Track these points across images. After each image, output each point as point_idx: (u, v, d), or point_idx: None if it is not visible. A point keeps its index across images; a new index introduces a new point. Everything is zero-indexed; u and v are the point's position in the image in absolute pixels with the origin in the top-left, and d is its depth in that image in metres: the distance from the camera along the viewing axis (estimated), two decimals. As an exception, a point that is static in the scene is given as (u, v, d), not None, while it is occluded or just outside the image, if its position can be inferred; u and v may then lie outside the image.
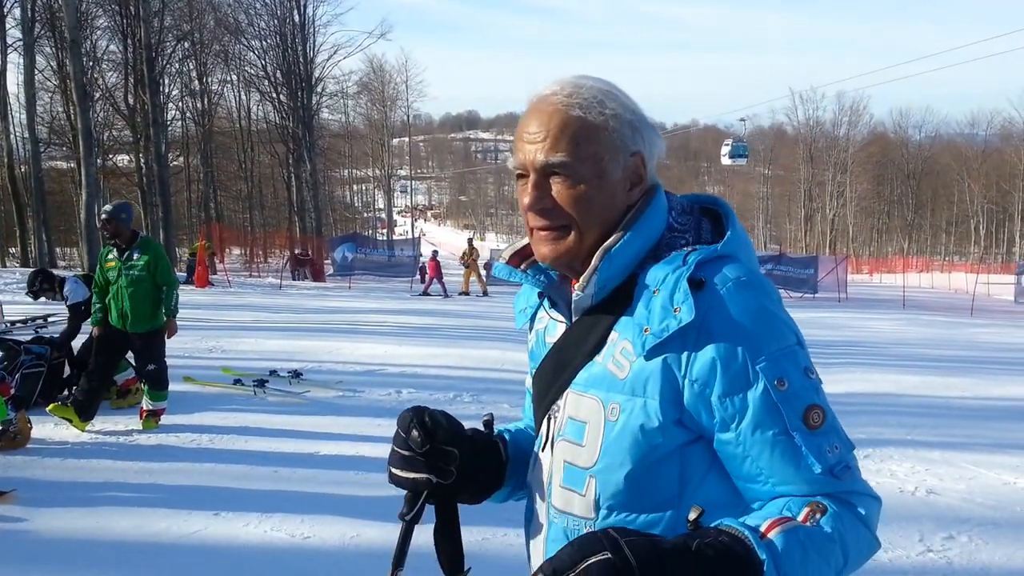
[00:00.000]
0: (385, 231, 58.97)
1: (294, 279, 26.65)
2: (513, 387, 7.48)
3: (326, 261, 29.66)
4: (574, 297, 1.12)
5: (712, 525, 0.97)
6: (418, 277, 27.01)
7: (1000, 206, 65.26)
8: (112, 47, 31.84)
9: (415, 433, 1.13)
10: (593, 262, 1.09)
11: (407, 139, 74.39)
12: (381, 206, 71.96)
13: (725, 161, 50.34)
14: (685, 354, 1.03)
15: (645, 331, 1.04)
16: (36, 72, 26.85)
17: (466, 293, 21.98)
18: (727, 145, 48.97)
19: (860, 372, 9.26)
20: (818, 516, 0.99)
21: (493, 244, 60.32)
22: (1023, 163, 60.64)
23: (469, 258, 22.46)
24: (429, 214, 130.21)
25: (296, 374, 7.46)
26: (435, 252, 22.88)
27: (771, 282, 1.12)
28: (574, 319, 1.15)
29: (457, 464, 1.16)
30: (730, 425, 1.03)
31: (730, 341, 1.02)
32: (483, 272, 23.06)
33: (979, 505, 4.66)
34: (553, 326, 1.22)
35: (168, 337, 5.81)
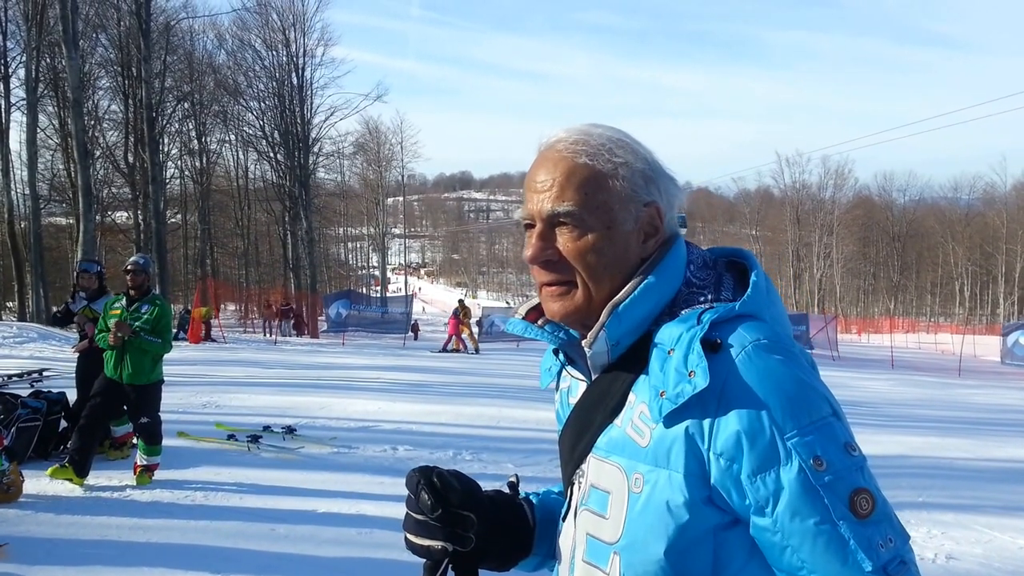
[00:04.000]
0: (379, 288, 59.14)
1: (282, 334, 26.63)
2: (512, 445, 7.47)
3: (320, 318, 29.70)
4: (588, 354, 1.05)
5: None
6: (411, 334, 27.06)
7: (984, 268, 66.10)
8: (113, 107, 32.59)
9: (424, 496, 1.07)
10: (601, 318, 1.02)
11: (401, 198, 75.38)
12: (375, 263, 72.28)
13: None
14: (707, 423, 0.93)
15: (661, 395, 0.96)
16: (38, 130, 27.35)
17: (458, 350, 22.10)
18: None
19: (866, 433, 9.20)
20: None
21: (485, 302, 60.46)
22: (1006, 227, 61.71)
23: (463, 315, 22.71)
24: (422, 272, 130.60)
25: (290, 430, 7.43)
26: (456, 310, 23.10)
27: (800, 345, 1.00)
28: (593, 376, 1.08)
29: (476, 529, 1.09)
30: (765, 509, 0.91)
31: (753, 411, 0.91)
32: (475, 330, 23.33)
33: (998, 570, 4.61)
34: (576, 386, 1.14)
35: (115, 332, 5.52)
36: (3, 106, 27.93)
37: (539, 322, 1.12)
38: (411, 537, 1.10)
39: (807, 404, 0.92)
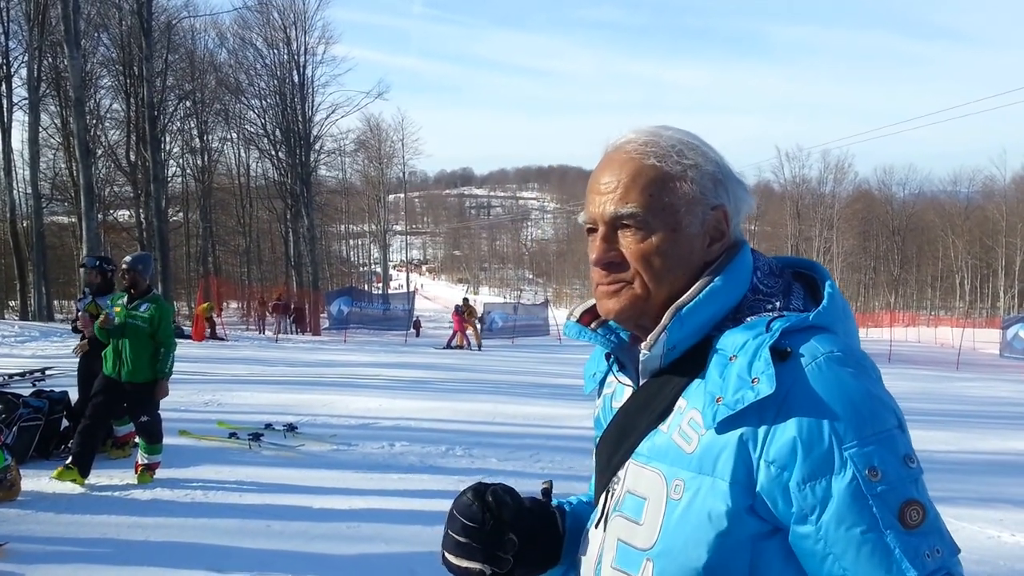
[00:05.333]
0: (380, 285, 59.24)
1: (282, 331, 26.74)
2: (503, 441, 7.57)
3: (322, 315, 29.81)
4: (641, 357, 1.03)
5: None
6: (413, 331, 27.17)
7: (984, 261, 65.89)
8: (115, 105, 32.70)
9: (479, 512, 1.07)
10: (663, 320, 1.00)
11: (403, 195, 75.45)
12: (377, 260, 72.38)
13: None
14: (763, 430, 0.91)
15: (717, 401, 0.93)
16: (40, 129, 27.49)
17: (461, 347, 22.27)
18: None
19: None
20: None
21: (487, 297, 60.58)
22: (1005, 220, 61.58)
23: (467, 313, 22.87)
24: (424, 268, 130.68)
25: (291, 428, 7.52)
26: (458, 307, 23.27)
27: (870, 358, 0.99)
28: (642, 382, 1.06)
29: (515, 551, 1.09)
30: (809, 517, 0.90)
31: (815, 420, 0.89)
32: (479, 327, 23.65)
33: (963, 559, 4.67)
34: (621, 391, 1.12)
35: (158, 398, 5.80)
36: (5, 105, 28.08)
37: (592, 325, 1.12)
38: (451, 558, 1.09)
39: (873, 416, 0.91)
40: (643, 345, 1.02)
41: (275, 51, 36.26)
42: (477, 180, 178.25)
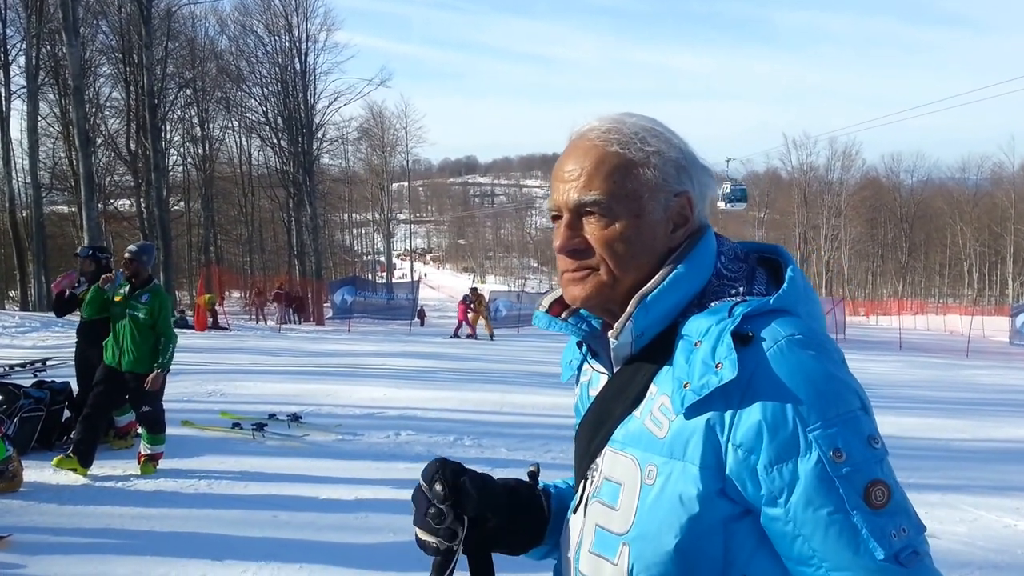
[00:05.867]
0: (384, 274, 59.20)
1: (284, 321, 26.68)
2: (512, 431, 7.47)
3: (325, 304, 29.76)
4: (612, 345, 1.04)
5: None
6: (417, 320, 27.11)
7: (992, 249, 65.81)
8: (115, 94, 32.55)
9: (438, 488, 1.09)
10: (628, 308, 1.01)
11: (406, 184, 75.21)
12: (380, 249, 72.33)
13: (722, 205, 47.87)
14: (728, 415, 0.93)
15: (685, 386, 0.95)
16: (39, 118, 27.34)
17: (473, 336, 22.25)
18: (724, 188, 46.74)
19: None
20: None
21: (492, 286, 60.47)
22: (1014, 207, 61.34)
23: (476, 303, 22.77)
24: (428, 257, 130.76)
25: (295, 417, 7.44)
26: (466, 297, 23.23)
27: (833, 341, 0.99)
28: (615, 369, 1.08)
29: (492, 524, 1.12)
30: (778, 499, 0.91)
31: (778, 403, 0.91)
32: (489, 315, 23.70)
33: (980, 548, 4.64)
34: (597, 378, 1.14)
35: (151, 388, 5.66)
36: (4, 94, 27.91)
37: (563, 315, 1.12)
38: (418, 532, 1.11)
39: (836, 397, 0.92)
40: (611, 333, 1.03)
41: (276, 38, 36.10)
42: (481, 168, 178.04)
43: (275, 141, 37.14)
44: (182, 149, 37.99)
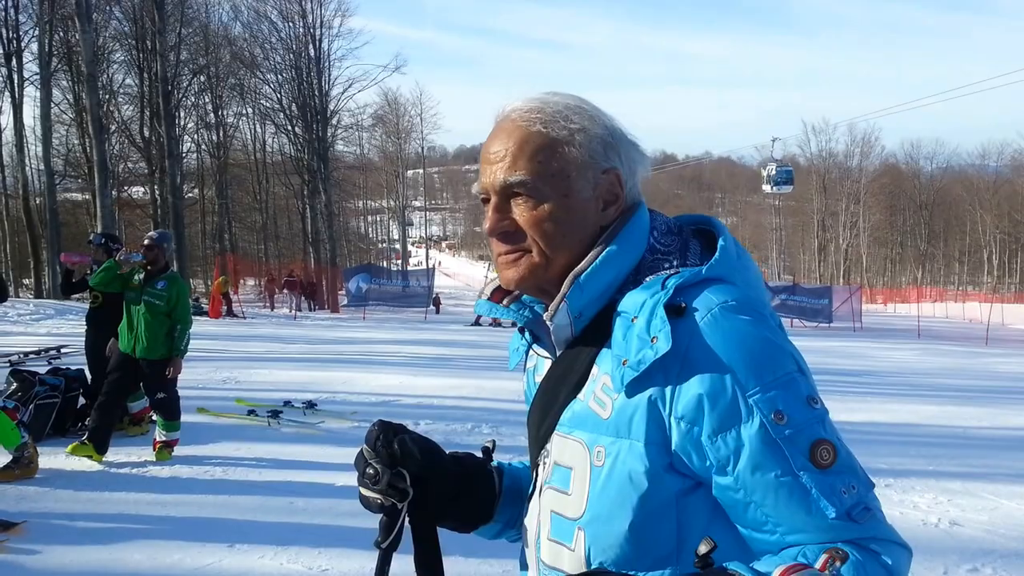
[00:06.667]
0: (399, 262, 59.26)
1: (296, 308, 26.75)
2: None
3: (340, 292, 29.82)
4: (551, 328, 1.02)
5: (717, 567, 0.87)
6: (433, 308, 27.10)
7: (1013, 236, 65.16)
8: (128, 80, 32.63)
9: (380, 448, 1.07)
10: (562, 289, 1.00)
11: (421, 171, 74.99)
12: (395, 237, 72.42)
13: (767, 189, 42.43)
14: (668, 389, 0.92)
15: (623, 363, 0.94)
16: (52, 105, 27.47)
17: (498, 324, 22.41)
18: (768, 171, 40.95)
19: (878, 402, 9.16)
20: (838, 564, 0.86)
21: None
22: (1035, 193, 60.49)
23: None
24: (443, 245, 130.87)
25: (310, 405, 7.43)
26: None
27: (768, 306, 1.00)
28: (558, 353, 1.06)
29: (437, 488, 1.10)
30: (726, 468, 0.91)
31: (716, 372, 0.90)
32: None
33: (1002, 536, 4.60)
34: (542, 364, 1.12)
35: (170, 375, 5.72)
36: (17, 81, 28.10)
37: (504, 301, 1.11)
38: (360, 491, 1.08)
39: (771, 361, 0.92)
40: (546, 315, 1.02)
41: (290, 24, 35.95)
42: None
43: (289, 128, 37.12)
44: (196, 136, 38.10)
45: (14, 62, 28.24)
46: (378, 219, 79.73)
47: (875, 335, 22.62)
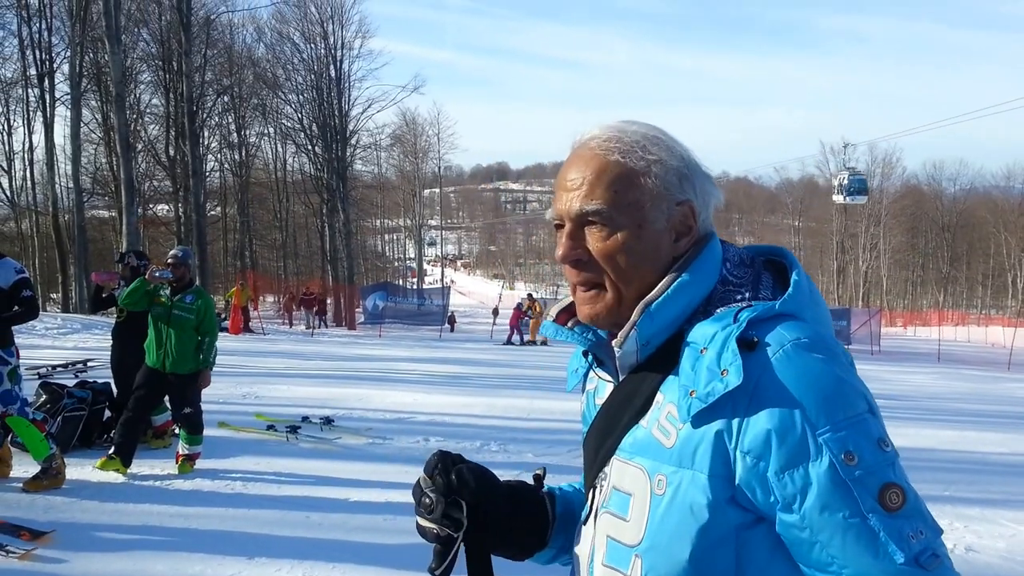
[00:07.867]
0: (415, 280, 59.55)
1: (310, 325, 26.92)
2: (540, 436, 7.49)
3: (357, 309, 30.02)
4: (617, 354, 1.03)
5: None
6: (447, 326, 27.20)
7: (1038, 259, 64.07)
8: (155, 101, 33.27)
9: (438, 479, 1.08)
10: (632, 317, 1.00)
11: (438, 190, 75.49)
12: (412, 255, 72.79)
13: (840, 200, 40.49)
14: (736, 422, 0.92)
15: (691, 394, 0.94)
16: (82, 125, 28.04)
17: (533, 342, 22.74)
18: (840, 179, 38.33)
19: (894, 426, 8.87)
20: None
21: (522, 292, 60.52)
22: (1060, 216, 59.68)
23: (535, 310, 23.45)
24: (459, 263, 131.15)
25: (328, 421, 7.54)
26: (520, 304, 23.91)
27: (840, 344, 0.98)
28: (621, 378, 1.07)
29: (491, 517, 1.11)
30: (792, 505, 0.90)
31: (786, 408, 0.90)
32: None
33: (1020, 564, 4.57)
34: (603, 387, 1.13)
35: (202, 387, 5.91)
36: (49, 101, 28.75)
37: (569, 324, 1.12)
38: (417, 520, 1.10)
39: (843, 401, 0.91)
40: (615, 342, 1.03)
41: (312, 46, 36.54)
42: (513, 174, 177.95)
43: (310, 147, 37.60)
44: (219, 155, 38.71)
45: (46, 83, 28.95)
46: (395, 237, 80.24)
47: (894, 359, 22.41)
